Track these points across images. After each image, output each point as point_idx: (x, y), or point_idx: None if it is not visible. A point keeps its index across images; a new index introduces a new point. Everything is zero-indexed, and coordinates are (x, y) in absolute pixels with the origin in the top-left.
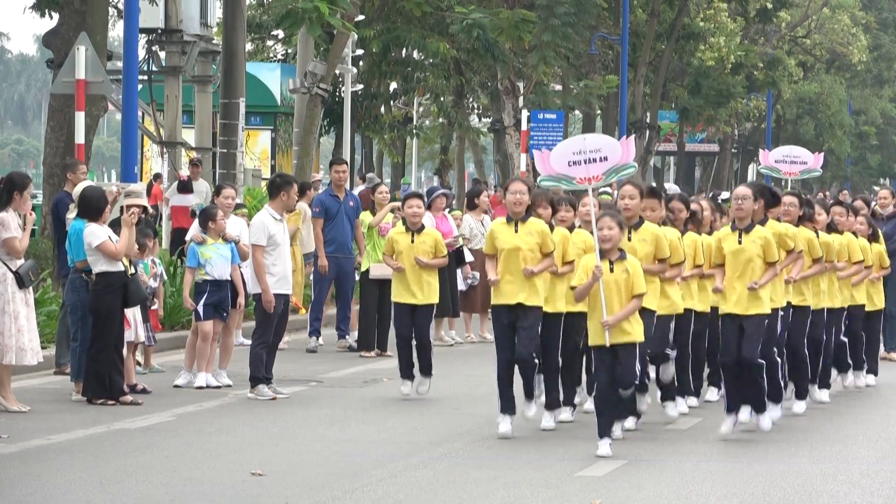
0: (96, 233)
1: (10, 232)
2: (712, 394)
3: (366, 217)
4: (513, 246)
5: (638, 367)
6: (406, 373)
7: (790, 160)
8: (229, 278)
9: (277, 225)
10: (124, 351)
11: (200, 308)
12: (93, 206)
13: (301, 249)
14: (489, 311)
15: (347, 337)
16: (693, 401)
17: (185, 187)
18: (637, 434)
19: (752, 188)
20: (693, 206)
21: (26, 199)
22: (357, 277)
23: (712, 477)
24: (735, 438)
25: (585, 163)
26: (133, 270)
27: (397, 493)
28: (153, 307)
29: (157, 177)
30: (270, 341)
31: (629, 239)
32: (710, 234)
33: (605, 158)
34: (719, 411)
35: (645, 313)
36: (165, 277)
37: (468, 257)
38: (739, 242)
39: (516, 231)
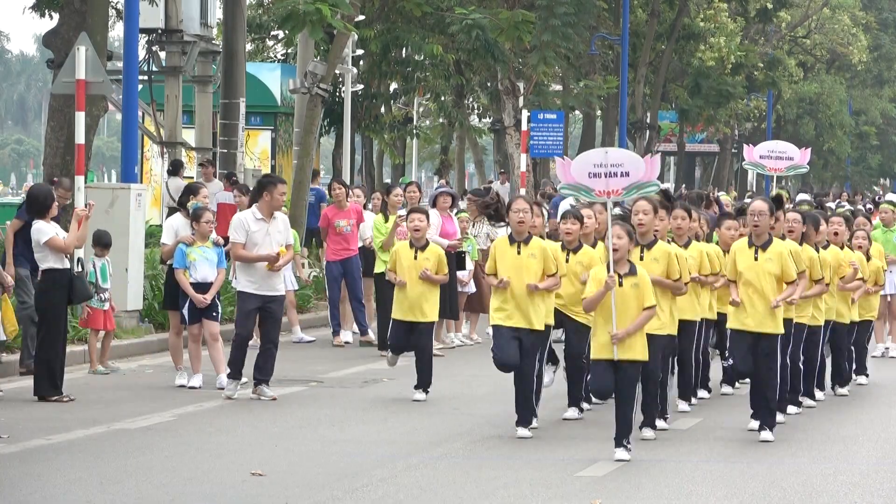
0: (43, 229)
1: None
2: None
3: (379, 222)
4: (516, 269)
5: (639, 387)
6: (396, 349)
7: (776, 155)
8: (212, 281)
9: (259, 224)
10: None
11: (185, 312)
12: (39, 203)
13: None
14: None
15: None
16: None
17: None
18: (637, 434)
19: (768, 203)
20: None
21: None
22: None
23: (712, 477)
24: (735, 438)
25: (606, 176)
26: (80, 269)
27: (397, 493)
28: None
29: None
30: (246, 337)
31: (641, 258)
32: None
33: (627, 174)
34: (720, 411)
35: (654, 339)
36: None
37: (468, 265)
38: (756, 259)
39: (519, 252)
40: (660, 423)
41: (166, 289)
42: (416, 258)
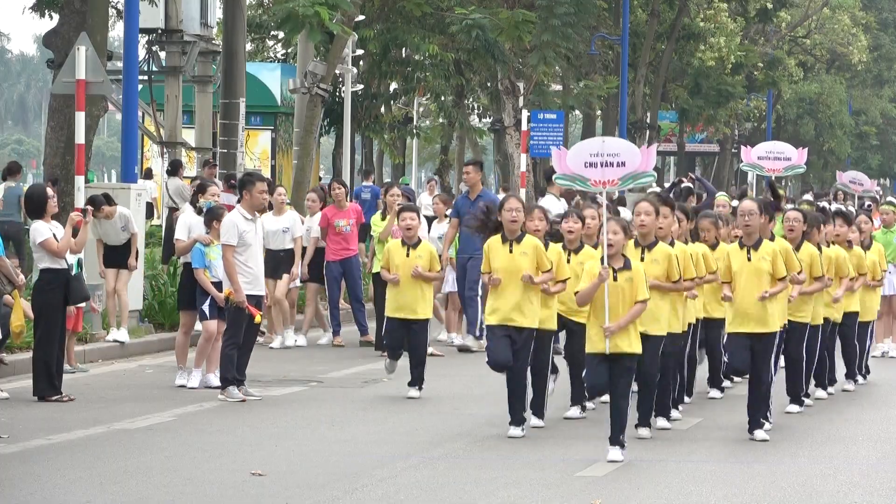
0: (40, 230)
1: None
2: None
3: (376, 222)
4: (508, 267)
5: (634, 385)
6: (394, 353)
7: (773, 156)
8: None
9: (248, 224)
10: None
11: (206, 307)
12: (35, 204)
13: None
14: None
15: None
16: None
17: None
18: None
19: (758, 203)
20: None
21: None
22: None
23: (712, 477)
24: (735, 438)
25: (602, 165)
26: (78, 269)
27: (397, 493)
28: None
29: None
30: (241, 342)
31: (642, 259)
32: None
33: (623, 164)
34: (720, 411)
35: (651, 339)
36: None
37: None
38: (749, 259)
39: (511, 251)
40: (661, 421)
41: (181, 288)
42: (408, 256)
